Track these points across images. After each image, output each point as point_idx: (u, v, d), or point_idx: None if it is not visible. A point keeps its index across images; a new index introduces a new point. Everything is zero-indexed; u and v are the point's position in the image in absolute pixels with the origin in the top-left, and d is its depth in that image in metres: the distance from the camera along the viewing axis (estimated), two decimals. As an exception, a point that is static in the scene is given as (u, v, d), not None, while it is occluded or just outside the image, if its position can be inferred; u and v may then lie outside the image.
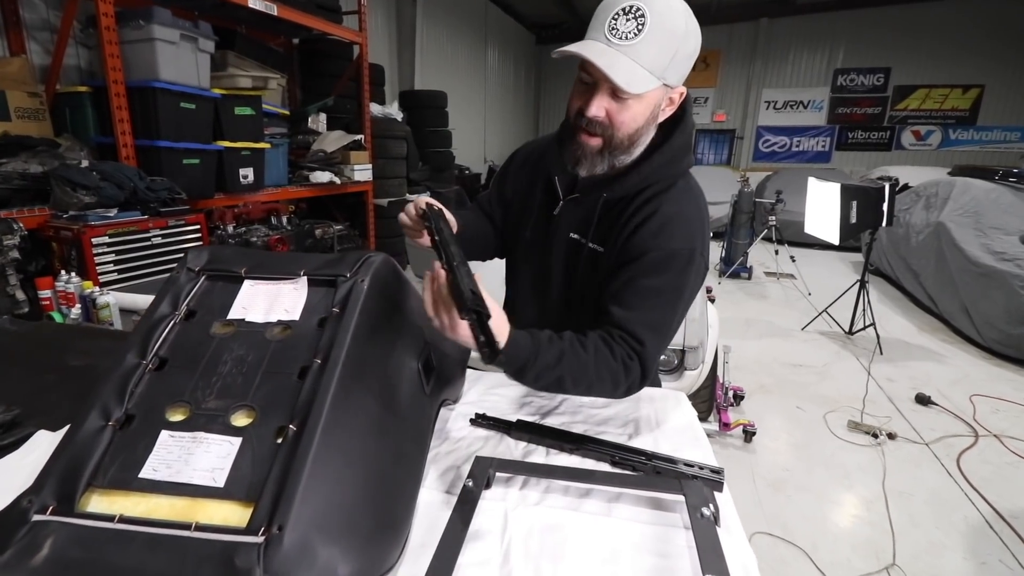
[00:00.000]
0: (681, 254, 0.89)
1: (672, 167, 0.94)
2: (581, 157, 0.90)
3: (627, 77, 0.78)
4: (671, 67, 0.81)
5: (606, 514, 0.70)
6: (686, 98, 0.92)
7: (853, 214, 3.43)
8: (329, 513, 0.53)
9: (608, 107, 0.84)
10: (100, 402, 0.60)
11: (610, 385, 0.86)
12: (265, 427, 0.59)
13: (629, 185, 0.93)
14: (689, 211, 0.93)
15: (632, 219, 0.93)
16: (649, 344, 0.87)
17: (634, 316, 0.88)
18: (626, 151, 0.90)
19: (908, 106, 8.98)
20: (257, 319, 0.69)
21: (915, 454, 2.55)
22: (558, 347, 0.82)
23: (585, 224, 0.99)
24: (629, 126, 0.86)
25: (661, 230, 0.90)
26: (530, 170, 1.13)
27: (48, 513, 0.53)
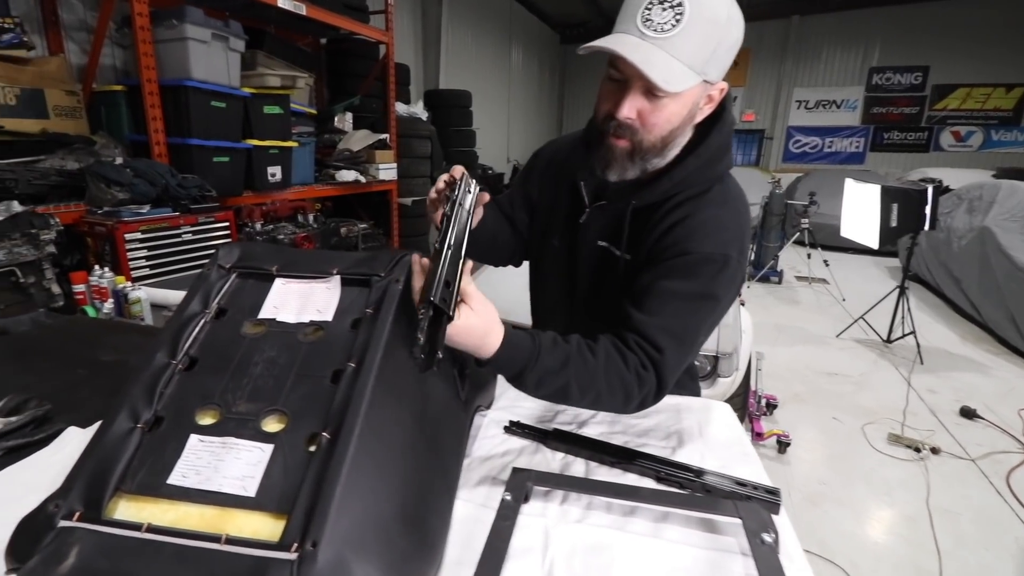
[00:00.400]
0: (713, 259, 0.81)
1: (708, 170, 0.86)
2: (611, 161, 0.83)
3: (664, 74, 0.71)
4: (712, 61, 0.74)
5: (654, 535, 0.65)
6: (726, 95, 0.84)
7: (894, 217, 3.29)
8: (364, 529, 0.49)
9: (641, 107, 0.77)
10: (129, 403, 0.57)
11: (621, 397, 0.78)
12: (297, 434, 0.55)
13: (660, 191, 0.86)
14: (725, 216, 0.84)
15: (662, 223, 0.86)
16: (668, 353, 0.79)
17: (654, 321, 0.80)
18: (658, 154, 0.82)
19: (947, 106, 8.65)
20: (289, 319, 0.66)
21: (961, 470, 2.43)
22: (563, 351, 0.76)
23: (614, 232, 0.93)
24: (663, 128, 0.79)
25: (692, 233, 0.82)
26: (555, 172, 1.07)
27: (75, 519, 0.50)
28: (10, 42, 2.56)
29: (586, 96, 10.80)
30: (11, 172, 2.41)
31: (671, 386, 0.81)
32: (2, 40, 2.54)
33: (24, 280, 2.23)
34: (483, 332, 0.68)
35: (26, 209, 2.27)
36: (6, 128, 2.52)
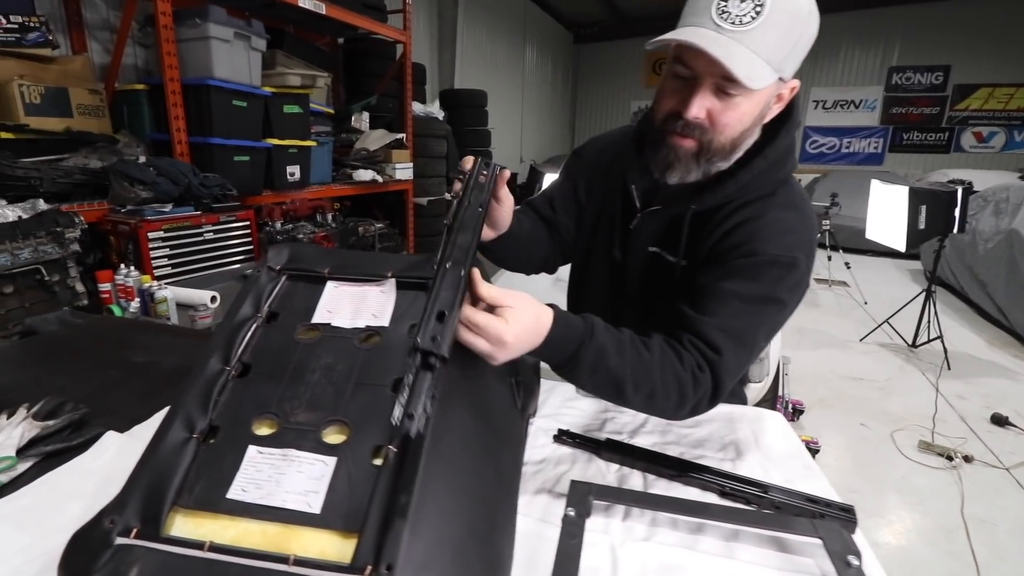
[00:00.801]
0: (780, 261, 0.77)
1: (774, 173, 0.81)
2: (673, 162, 0.78)
3: (747, 70, 0.66)
4: (790, 57, 0.70)
5: (727, 555, 0.62)
6: (796, 94, 0.80)
7: (922, 219, 3.21)
8: (440, 551, 0.46)
9: (711, 106, 0.73)
10: (184, 411, 0.55)
11: (676, 396, 0.73)
12: (361, 446, 0.53)
13: (723, 194, 0.81)
14: (792, 219, 0.80)
15: (722, 225, 0.81)
16: (727, 354, 0.74)
17: (712, 321, 0.76)
18: (725, 156, 0.78)
19: (969, 106, 8.49)
20: (343, 324, 0.63)
21: (995, 479, 2.36)
22: (616, 336, 0.72)
23: (668, 237, 0.88)
24: (734, 128, 0.75)
25: (758, 234, 0.78)
26: (603, 172, 1.02)
27: (132, 536, 0.48)
28: (35, 41, 2.57)
29: (599, 96, 10.73)
30: (36, 170, 2.41)
31: (727, 392, 0.77)
32: (28, 39, 2.54)
33: (49, 278, 2.23)
34: (535, 323, 0.64)
35: (51, 207, 2.28)
36: (31, 126, 2.52)
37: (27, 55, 2.58)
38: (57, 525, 0.67)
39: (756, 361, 1.95)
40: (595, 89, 10.77)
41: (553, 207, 1.05)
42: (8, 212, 2.15)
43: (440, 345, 0.51)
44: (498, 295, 0.62)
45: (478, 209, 0.67)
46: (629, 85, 10.35)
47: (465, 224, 0.64)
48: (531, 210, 1.06)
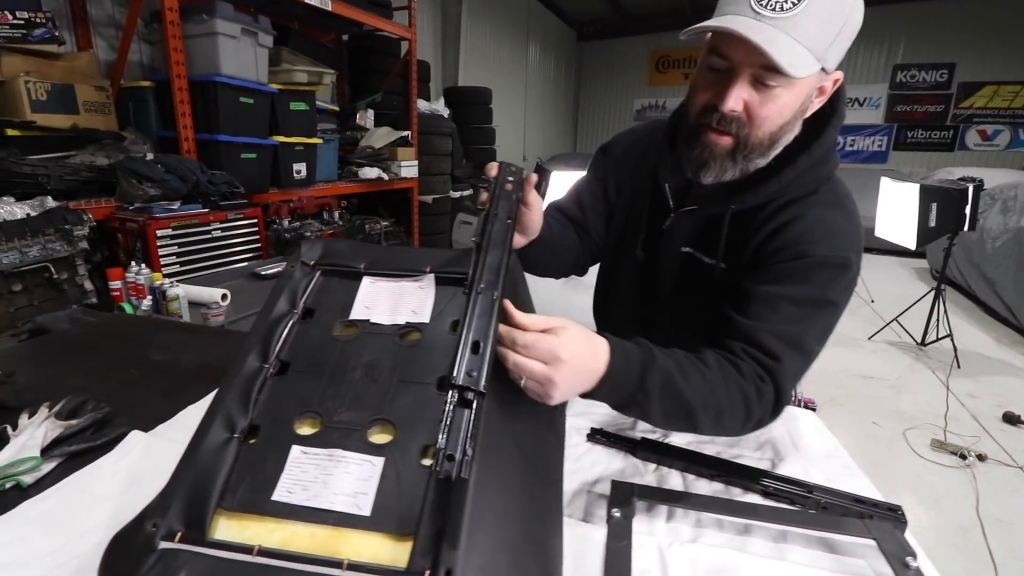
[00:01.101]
0: (831, 262, 0.73)
1: (818, 170, 0.78)
2: (708, 160, 0.75)
3: (789, 57, 0.63)
4: (833, 46, 0.66)
5: (777, 557, 0.60)
6: (840, 86, 0.76)
7: (932, 217, 3.19)
8: (496, 555, 0.45)
9: (749, 99, 0.69)
10: (224, 410, 0.53)
11: (742, 412, 0.68)
12: (409, 446, 0.51)
13: (764, 194, 0.77)
14: (840, 217, 0.76)
15: (765, 226, 0.77)
16: (786, 361, 0.70)
17: (766, 327, 0.71)
18: (763, 152, 0.74)
19: (974, 104, 8.46)
20: (382, 320, 0.61)
21: (1010, 478, 2.34)
22: (673, 356, 0.66)
23: (703, 238, 0.85)
24: (773, 122, 0.71)
25: (805, 235, 0.74)
26: (632, 170, 0.98)
27: (177, 540, 0.46)
28: (42, 37, 2.55)
29: (602, 94, 10.70)
30: (43, 167, 2.40)
31: (788, 402, 0.73)
32: (34, 34, 2.52)
33: (57, 276, 2.21)
34: (587, 343, 0.59)
35: (60, 205, 2.26)
36: (37, 123, 2.50)
37: (33, 51, 2.56)
38: (87, 527, 0.65)
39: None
40: (598, 87, 10.74)
41: (582, 208, 1.02)
42: (16, 209, 2.14)
43: (477, 380, 0.48)
44: (539, 320, 0.57)
45: (507, 222, 0.63)
46: (632, 83, 10.32)
47: (495, 241, 0.60)
48: (559, 212, 1.02)
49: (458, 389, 0.47)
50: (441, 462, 0.44)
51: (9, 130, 2.41)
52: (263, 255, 2.88)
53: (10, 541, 0.63)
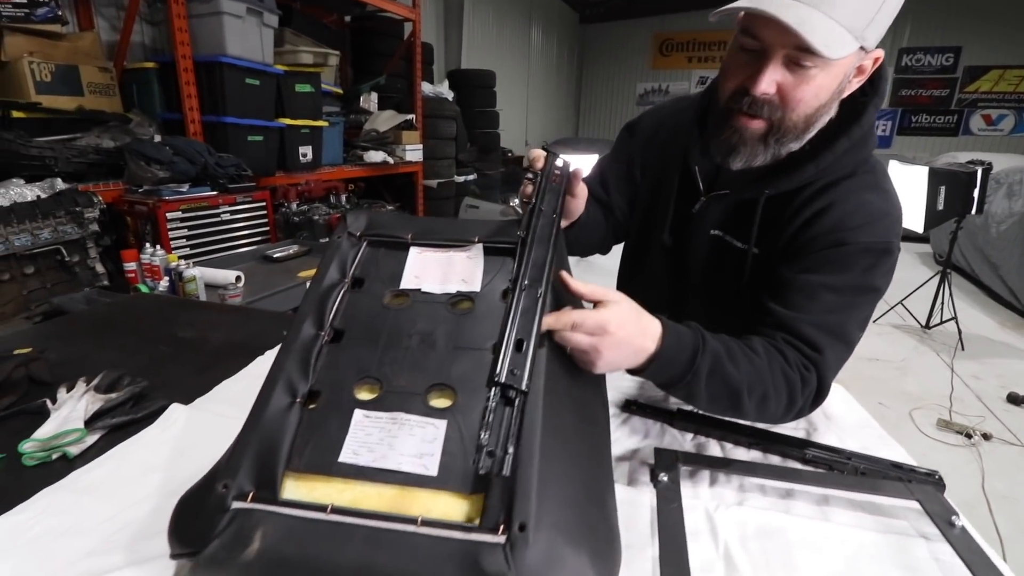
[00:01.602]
0: (873, 249, 0.71)
1: (856, 153, 0.75)
2: (738, 145, 0.72)
3: (824, 38, 0.60)
4: (873, 24, 0.63)
5: (822, 518, 0.62)
6: (880, 64, 0.73)
7: (940, 200, 3.19)
8: (564, 511, 0.46)
9: (782, 81, 0.66)
10: (285, 376, 0.53)
11: (786, 399, 0.69)
12: (470, 409, 0.52)
13: (801, 177, 0.75)
14: (879, 201, 0.74)
15: (801, 212, 0.75)
16: (828, 352, 0.71)
17: (807, 318, 0.71)
18: (797, 136, 0.71)
19: (979, 88, 8.40)
20: (433, 290, 0.62)
21: (1014, 456, 2.38)
22: (723, 340, 0.67)
23: (734, 222, 0.83)
24: (808, 104, 0.68)
25: (842, 222, 0.72)
26: (660, 150, 0.95)
27: (249, 500, 0.47)
28: (45, 16, 2.51)
29: (605, 78, 10.59)
30: (51, 149, 2.38)
31: (829, 391, 0.73)
32: (37, 14, 2.49)
33: (69, 259, 2.21)
34: (638, 319, 0.60)
35: (70, 187, 2.24)
36: (43, 105, 2.48)
37: (36, 31, 2.52)
38: (139, 495, 0.66)
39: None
40: (601, 70, 10.63)
41: (606, 188, 1.00)
42: (27, 192, 2.12)
43: (520, 378, 0.48)
44: (596, 290, 0.59)
45: (552, 217, 0.62)
46: (635, 67, 10.21)
47: (540, 236, 0.59)
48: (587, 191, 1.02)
49: (501, 387, 0.47)
50: (482, 458, 0.44)
51: (14, 112, 2.39)
52: (272, 239, 2.87)
53: (65, 509, 0.64)
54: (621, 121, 10.55)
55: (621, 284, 1.10)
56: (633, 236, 1.03)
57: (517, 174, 6.30)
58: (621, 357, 0.60)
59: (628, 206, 1.02)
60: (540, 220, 0.61)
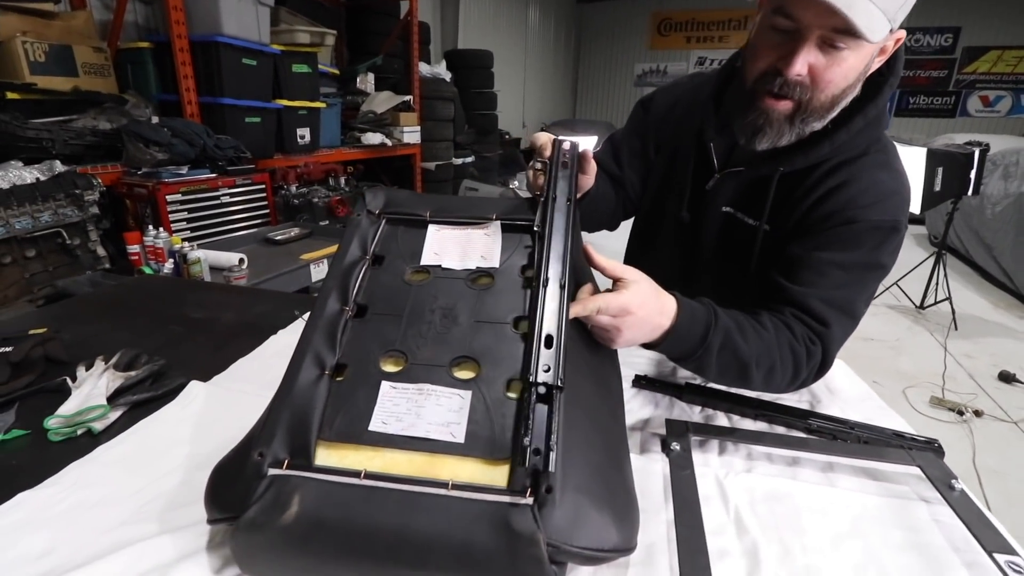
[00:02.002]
0: (882, 226, 0.73)
1: (870, 131, 0.76)
2: (764, 127, 0.73)
3: (868, 20, 0.60)
4: (904, 5, 0.64)
5: (828, 484, 0.64)
6: (900, 45, 0.73)
7: (938, 181, 3.21)
8: (588, 476, 0.48)
9: (814, 62, 0.66)
10: (313, 349, 0.55)
11: (792, 371, 0.72)
12: (494, 380, 0.53)
13: (816, 155, 0.76)
14: (889, 179, 0.76)
15: (815, 190, 0.77)
16: (835, 326, 0.73)
17: (815, 293, 0.73)
18: (822, 116, 0.72)
19: (977, 69, 8.37)
20: (453, 266, 0.63)
21: (1004, 432, 2.44)
22: (734, 316, 0.69)
23: (747, 199, 0.84)
24: (837, 85, 0.68)
25: (853, 200, 0.74)
26: (675, 128, 0.96)
27: (284, 467, 0.49)
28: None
29: (602, 58, 10.47)
30: (48, 131, 2.35)
31: (832, 363, 0.76)
32: (29, -8, 2.44)
33: (70, 242, 2.20)
34: (657, 297, 0.63)
35: (69, 169, 2.23)
36: (38, 86, 2.44)
37: (29, 10, 2.48)
38: (167, 468, 0.68)
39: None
40: (598, 51, 10.50)
41: (619, 163, 1.01)
42: (25, 174, 2.11)
43: (555, 375, 0.49)
44: (617, 267, 0.61)
45: (566, 203, 0.63)
46: (633, 47, 10.09)
47: (556, 226, 0.60)
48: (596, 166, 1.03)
49: (536, 386, 0.49)
50: (529, 457, 0.46)
51: (9, 93, 2.36)
52: (272, 221, 2.87)
53: (94, 482, 0.66)
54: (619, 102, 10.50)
55: (630, 259, 1.12)
56: (645, 212, 1.04)
57: (515, 156, 6.26)
58: (640, 335, 0.63)
59: (640, 182, 1.03)
60: (555, 211, 0.62)
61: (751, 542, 0.55)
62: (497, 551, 0.43)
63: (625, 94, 10.43)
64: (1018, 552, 0.51)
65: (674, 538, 0.53)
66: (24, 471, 0.67)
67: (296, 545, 0.45)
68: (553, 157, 0.69)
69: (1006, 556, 0.50)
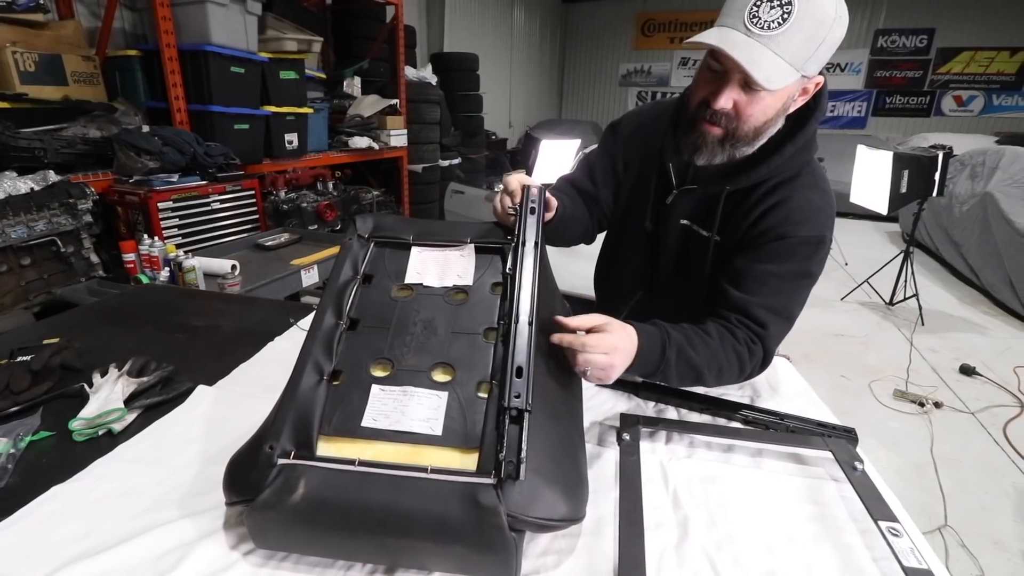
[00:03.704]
0: (809, 241, 0.88)
1: (801, 156, 0.90)
2: (701, 145, 0.87)
3: (767, 72, 0.74)
4: (813, 58, 0.76)
5: (755, 467, 0.75)
6: (822, 86, 0.87)
7: (904, 183, 3.37)
8: (544, 460, 0.58)
9: (737, 99, 0.80)
10: (312, 359, 0.65)
11: (737, 369, 0.86)
12: (467, 382, 0.64)
13: (756, 177, 0.90)
14: (817, 198, 0.90)
15: (756, 207, 0.90)
16: (772, 327, 0.87)
17: (755, 300, 0.87)
18: (749, 143, 0.86)
19: (951, 69, 8.61)
20: (433, 284, 0.73)
21: (962, 423, 2.59)
22: (683, 331, 0.83)
23: (703, 213, 0.98)
24: (758, 119, 0.83)
25: (788, 218, 0.88)
26: (639, 148, 1.09)
27: (292, 458, 0.58)
28: (27, 5, 2.51)
29: (587, 59, 10.59)
30: (39, 141, 2.40)
31: (772, 358, 0.90)
32: (19, 3, 2.48)
33: (64, 250, 2.26)
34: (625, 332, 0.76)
35: (62, 178, 2.28)
36: (29, 95, 2.49)
37: (18, 20, 2.52)
38: (183, 462, 0.77)
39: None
40: (584, 52, 10.61)
41: (594, 181, 1.13)
42: (20, 184, 2.16)
43: (524, 400, 0.58)
44: (587, 319, 0.74)
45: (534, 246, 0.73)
46: (617, 48, 10.22)
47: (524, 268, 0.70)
48: (571, 187, 1.14)
49: (509, 411, 0.58)
50: (505, 467, 0.55)
51: (0, 103, 2.40)
52: (261, 227, 2.94)
53: (119, 475, 0.75)
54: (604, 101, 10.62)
55: (600, 267, 1.24)
56: (615, 223, 1.16)
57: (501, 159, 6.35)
58: (626, 362, 0.76)
59: (612, 197, 1.15)
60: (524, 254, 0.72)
61: (683, 515, 0.65)
62: (467, 522, 0.53)
63: (610, 94, 10.56)
64: (897, 519, 0.62)
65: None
66: (54, 468, 0.76)
67: (303, 521, 0.55)
68: (522, 203, 0.78)
69: (887, 522, 0.61)
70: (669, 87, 9.98)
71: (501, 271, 0.73)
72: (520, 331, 0.64)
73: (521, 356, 0.62)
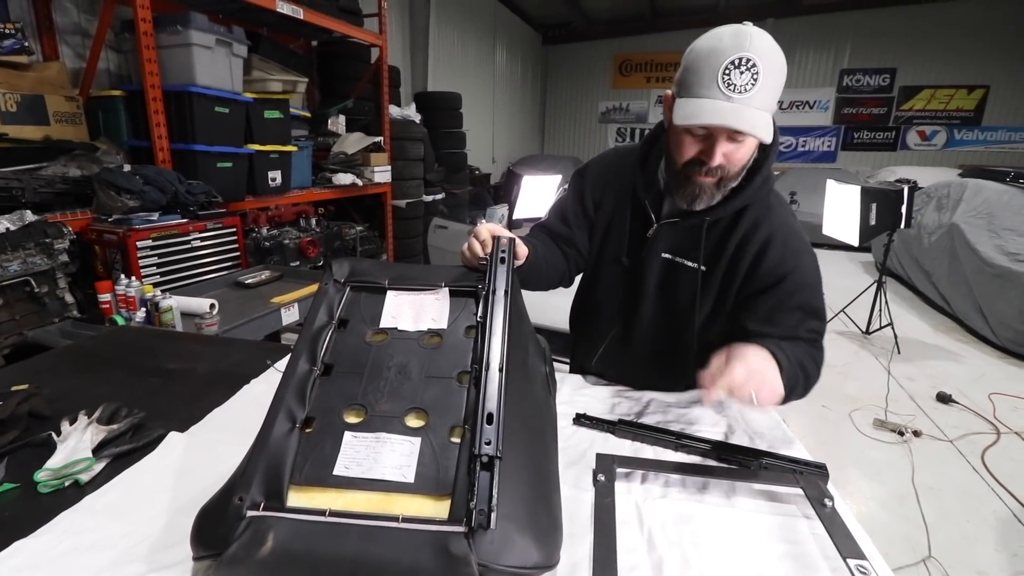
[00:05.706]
0: (809, 260, 1.00)
1: (767, 184, 1.00)
2: (700, 195, 0.95)
3: (753, 124, 0.83)
4: (776, 98, 0.87)
5: (729, 506, 0.76)
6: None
7: (872, 216, 3.49)
8: (516, 506, 0.58)
9: (727, 151, 0.89)
10: (285, 406, 0.65)
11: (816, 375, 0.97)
12: (439, 427, 0.64)
13: (731, 207, 0.99)
14: (791, 222, 1.01)
15: (747, 246, 0.99)
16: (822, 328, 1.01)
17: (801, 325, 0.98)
18: (736, 178, 0.96)
19: (914, 106, 9.07)
20: (408, 328, 0.74)
21: (941, 451, 2.62)
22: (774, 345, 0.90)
23: (683, 245, 1.05)
24: (744, 159, 0.92)
25: (784, 253, 0.98)
26: (609, 188, 1.14)
27: (261, 509, 0.58)
28: (11, 48, 2.54)
29: (568, 97, 10.93)
30: (17, 180, 2.39)
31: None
32: (3, 46, 2.51)
33: (38, 290, 2.22)
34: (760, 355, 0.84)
35: (39, 218, 2.27)
36: (9, 135, 2.49)
37: (2, 62, 2.54)
38: (152, 513, 0.76)
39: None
40: (564, 90, 10.97)
41: (568, 224, 1.17)
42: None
43: (495, 447, 0.59)
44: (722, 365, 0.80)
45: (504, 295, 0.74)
46: (597, 86, 10.59)
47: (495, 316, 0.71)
48: (544, 232, 1.18)
49: (480, 457, 0.59)
50: (475, 516, 0.54)
51: (-20, 143, 2.40)
52: (242, 264, 2.92)
53: (85, 528, 0.73)
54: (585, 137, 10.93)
55: (578, 299, 1.28)
56: (591, 266, 1.21)
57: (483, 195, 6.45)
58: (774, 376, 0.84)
59: (587, 236, 1.19)
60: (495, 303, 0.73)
61: (658, 557, 0.66)
62: (438, 572, 0.52)
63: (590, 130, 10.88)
64: (866, 558, 0.63)
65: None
66: (17, 521, 0.73)
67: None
68: (492, 253, 0.81)
69: (856, 560, 0.62)
70: (647, 123, 10.33)
71: (475, 313, 0.75)
72: (491, 378, 0.65)
73: (492, 403, 0.62)
